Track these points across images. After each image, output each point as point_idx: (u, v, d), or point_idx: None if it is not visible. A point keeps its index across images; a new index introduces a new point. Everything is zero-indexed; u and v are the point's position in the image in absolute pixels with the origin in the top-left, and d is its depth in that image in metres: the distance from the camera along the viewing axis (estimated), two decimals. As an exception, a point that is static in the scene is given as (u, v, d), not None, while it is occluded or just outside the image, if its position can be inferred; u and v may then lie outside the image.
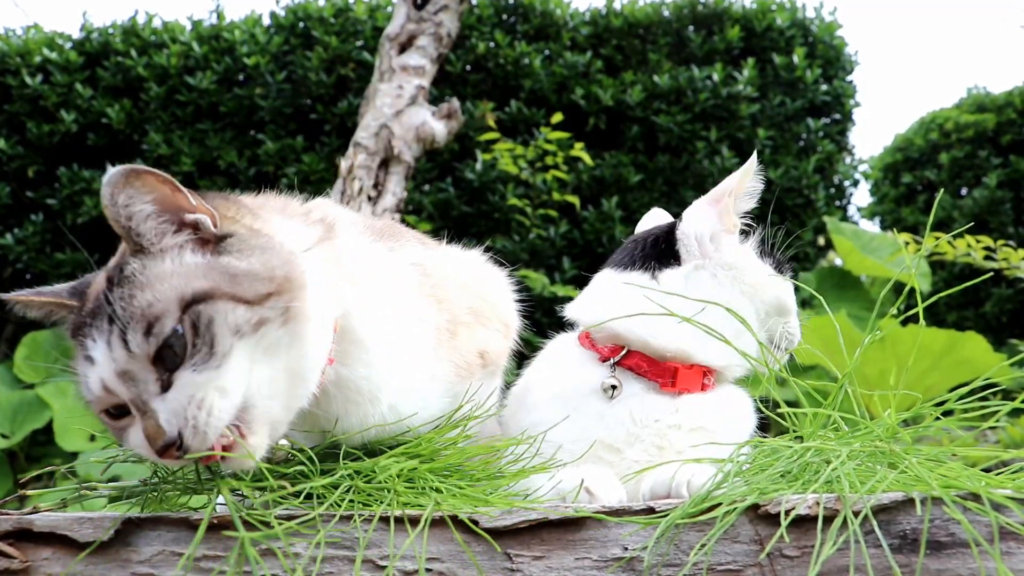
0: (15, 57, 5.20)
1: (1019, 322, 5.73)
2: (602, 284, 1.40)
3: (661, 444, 1.27)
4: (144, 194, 0.94)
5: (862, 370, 3.18)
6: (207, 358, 0.92)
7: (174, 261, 0.96)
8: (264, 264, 0.97)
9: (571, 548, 0.93)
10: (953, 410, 1.04)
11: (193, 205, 0.98)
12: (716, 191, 1.37)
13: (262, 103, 5.08)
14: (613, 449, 1.27)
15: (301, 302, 0.98)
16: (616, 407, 1.28)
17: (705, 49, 5.30)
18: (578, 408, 1.30)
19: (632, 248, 1.40)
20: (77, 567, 0.91)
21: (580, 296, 1.44)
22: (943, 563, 0.86)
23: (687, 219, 1.37)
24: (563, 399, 1.32)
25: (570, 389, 1.32)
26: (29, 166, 5.16)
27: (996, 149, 6.17)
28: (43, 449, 4.60)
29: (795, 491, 0.94)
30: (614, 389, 1.28)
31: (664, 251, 1.36)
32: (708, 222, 1.35)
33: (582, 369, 1.33)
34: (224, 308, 0.92)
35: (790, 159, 5.21)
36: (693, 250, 1.34)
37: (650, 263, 1.35)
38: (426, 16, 4.32)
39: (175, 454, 0.91)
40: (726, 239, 1.36)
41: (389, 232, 1.29)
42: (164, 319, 0.90)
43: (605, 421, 1.28)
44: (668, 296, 1.24)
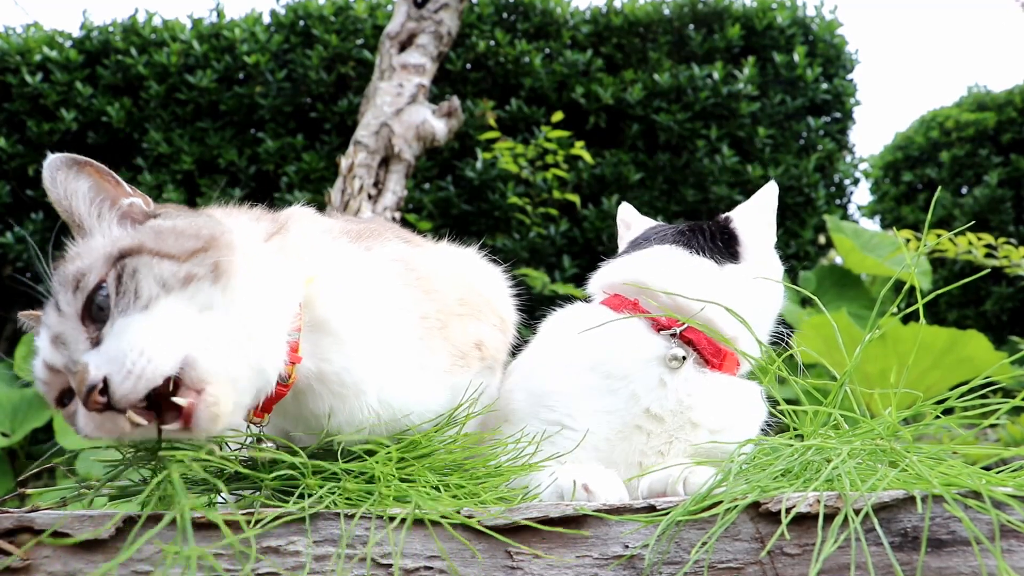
0: (15, 55, 5.20)
1: (1020, 320, 5.72)
2: (667, 258, 1.41)
3: (696, 421, 1.28)
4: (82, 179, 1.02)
5: (863, 368, 3.18)
6: (133, 302, 0.92)
7: (104, 235, 1.01)
8: (191, 224, 1.00)
9: (572, 546, 0.93)
10: (953, 408, 1.04)
11: (128, 191, 1.05)
12: (765, 202, 1.50)
13: (262, 101, 5.07)
14: (657, 419, 1.28)
15: (230, 260, 0.98)
16: (676, 377, 1.29)
17: (705, 47, 5.30)
18: (632, 376, 1.29)
19: (693, 235, 1.45)
20: (78, 565, 0.91)
21: (633, 261, 1.43)
22: (944, 561, 0.86)
23: (746, 226, 1.47)
24: (609, 366, 1.30)
25: (625, 357, 1.30)
26: (29, 164, 5.16)
27: (997, 147, 6.17)
28: (43, 447, 4.60)
29: (796, 489, 0.94)
30: (684, 360, 1.29)
31: (723, 247, 1.44)
32: (761, 230, 1.48)
33: (639, 337, 1.32)
34: (149, 261, 0.94)
35: (790, 157, 5.21)
36: (751, 253, 1.44)
37: (715, 255, 1.42)
38: (426, 14, 4.31)
39: (99, 400, 0.87)
40: (770, 247, 1.49)
41: (368, 234, 1.28)
42: (89, 275, 0.93)
43: (664, 390, 1.28)
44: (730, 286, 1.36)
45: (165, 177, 5.05)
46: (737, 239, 1.45)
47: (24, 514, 0.95)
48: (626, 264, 1.44)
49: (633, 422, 1.27)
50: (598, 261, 1.51)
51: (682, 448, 1.28)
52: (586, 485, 1.10)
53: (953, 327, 3.77)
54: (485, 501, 1.03)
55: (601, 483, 1.11)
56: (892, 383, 1.13)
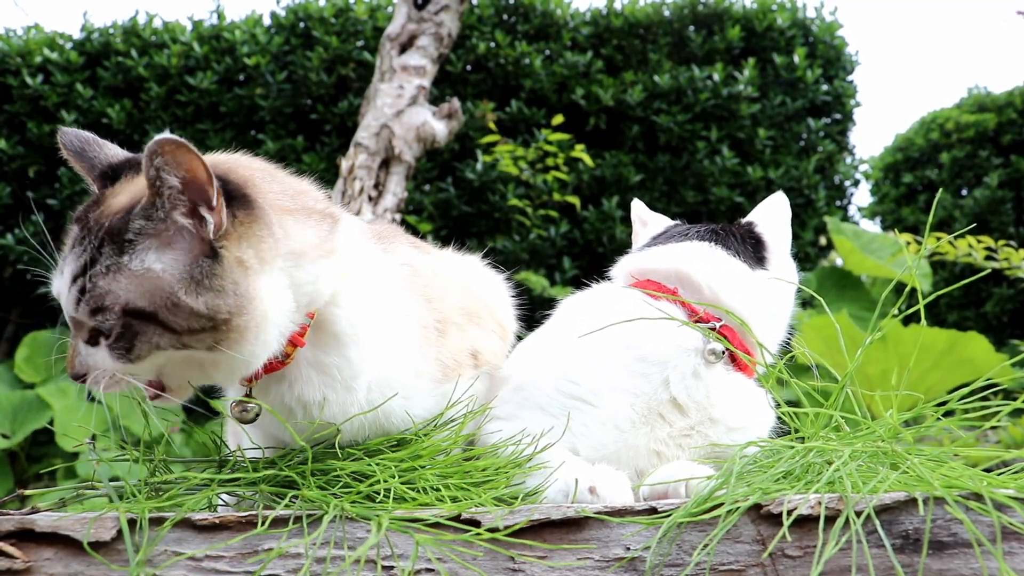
0: (16, 57, 5.20)
1: (1020, 322, 5.72)
2: (708, 254, 1.41)
3: (716, 417, 1.28)
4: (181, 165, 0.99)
5: (864, 370, 3.18)
6: (124, 353, 1.02)
7: (157, 252, 1.02)
8: (209, 306, 1.00)
9: (573, 548, 0.93)
10: (954, 410, 1.04)
11: (214, 206, 1.01)
12: (782, 214, 1.53)
13: (262, 103, 5.08)
14: (681, 409, 1.27)
15: (234, 339, 1.03)
16: (710, 370, 1.29)
17: (705, 49, 5.30)
18: (668, 362, 1.28)
19: (727, 236, 1.46)
20: (79, 567, 0.91)
21: (673, 251, 1.43)
22: (945, 563, 0.86)
23: (773, 232, 1.50)
24: (645, 349, 1.29)
25: (663, 342, 1.29)
26: (29, 166, 5.16)
27: (997, 149, 6.17)
28: (44, 449, 4.60)
29: (797, 491, 0.94)
30: (723, 355, 1.30)
31: (753, 251, 1.46)
32: (784, 238, 1.51)
33: (666, 326, 1.30)
34: (153, 331, 1.01)
35: (790, 159, 5.21)
36: (776, 259, 1.47)
37: (748, 259, 1.43)
38: (427, 16, 4.32)
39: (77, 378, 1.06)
40: (790, 259, 1.51)
41: (385, 234, 1.32)
42: (107, 313, 1.00)
43: (698, 381, 1.28)
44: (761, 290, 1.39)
45: (165, 178, 5.05)
46: (764, 245, 1.47)
47: (25, 516, 0.95)
48: (666, 253, 1.43)
49: (658, 409, 1.27)
50: (598, 262, 1.51)
51: (699, 442, 1.28)
52: (593, 487, 1.09)
53: (954, 329, 3.77)
54: (486, 502, 1.03)
55: (608, 485, 1.10)
56: (893, 385, 1.13)
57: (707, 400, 1.28)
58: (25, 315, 5.44)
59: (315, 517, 0.96)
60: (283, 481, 1.07)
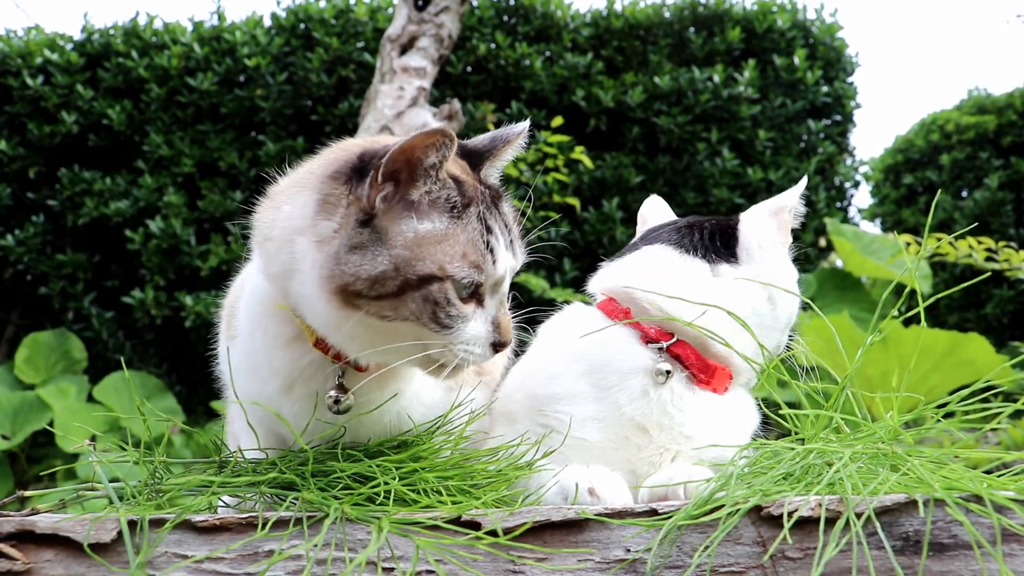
0: (16, 58, 5.20)
1: (1020, 323, 5.72)
2: (653, 262, 1.37)
3: (688, 434, 1.27)
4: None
5: (864, 371, 3.18)
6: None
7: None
8: None
9: (574, 549, 0.92)
10: (955, 412, 1.04)
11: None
12: (776, 203, 1.42)
13: (263, 104, 5.08)
14: (643, 430, 1.26)
15: None
16: (661, 390, 1.27)
17: (706, 50, 5.30)
18: (616, 385, 1.28)
19: (690, 233, 1.40)
20: (80, 569, 0.91)
21: (626, 266, 1.40)
22: (945, 565, 0.86)
23: (750, 224, 1.40)
24: (599, 374, 1.29)
25: (609, 365, 1.29)
26: (30, 167, 5.16)
27: (997, 150, 6.17)
28: (44, 450, 4.60)
29: (797, 493, 0.94)
30: (668, 375, 1.27)
31: (721, 247, 1.38)
32: (770, 232, 1.40)
33: (626, 347, 1.30)
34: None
35: (791, 160, 5.21)
36: (755, 255, 1.37)
37: (710, 255, 1.36)
38: (427, 17, 4.32)
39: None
40: (781, 252, 1.41)
41: None
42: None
43: (646, 401, 1.26)
44: (726, 296, 1.29)
45: (166, 179, 5.05)
46: (737, 238, 1.38)
47: (25, 518, 0.95)
48: (616, 268, 1.41)
49: (622, 432, 1.26)
50: (598, 263, 1.50)
51: (671, 459, 1.27)
52: (592, 488, 1.09)
53: (954, 330, 3.77)
54: (486, 504, 1.03)
55: (607, 486, 1.10)
56: (893, 386, 1.13)
57: (669, 419, 1.26)
58: (25, 316, 5.44)
59: (316, 519, 0.96)
60: (284, 483, 1.07)
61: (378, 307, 1.06)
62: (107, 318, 5.05)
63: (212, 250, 4.86)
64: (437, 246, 1.06)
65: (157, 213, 4.97)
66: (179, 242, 4.88)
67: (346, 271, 1.04)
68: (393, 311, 1.06)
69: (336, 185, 1.09)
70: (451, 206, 1.09)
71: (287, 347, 1.17)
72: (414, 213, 1.07)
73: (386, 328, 1.08)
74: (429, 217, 1.08)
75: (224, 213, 4.97)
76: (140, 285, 4.96)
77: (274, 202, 1.17)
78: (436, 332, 1.08)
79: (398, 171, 1.06)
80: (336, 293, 1.05)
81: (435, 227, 1.07)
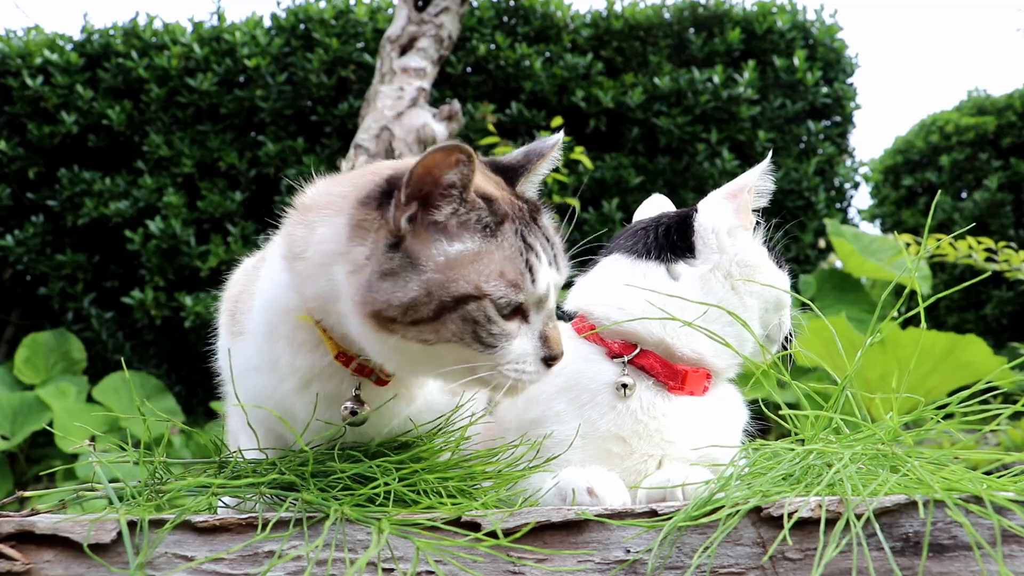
0: (16, 58, 5.20)
1: (1019, 325, 5.72)
2: (613, 274, 1.36)
3: (670, 439, 1.27)
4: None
5: (863, 373, 3.18)
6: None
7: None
8: None
9: (573, 550, 0.92)
10: (954, 413, 1.04)
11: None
12: (733, 186, 1.36)
13: (263, 105, 5.08)
14: (621, 440, 1.26)
15: None
16: (629, 402, 1.27)
17: (706, 51, 5.30)
18: (588, 403, 1.28)
19: (644, 236, 1.37)
20: (79, 570, 0.91)
21: (586, 283, 1.40)
22: (945, 566, 0.86)
23: (705, 212, 1.35)
24: (571, 393, 1.30)
25: (579, 384, 1.30)
26: (30, 167, 5.16)
27: (996, 151, 6.17)
28: (43, 451, 4.60)
29: (797, 494, 0.94)
30: (626, 388, 1.27)
31: (678, 242, 1.35)
32: (726, 216, 1.34)
33: (591, 364, 1.31)
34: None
35: (791, 161, 5.21)
36: (711, 244, 1.33)
37: (665, 254, 1.34)
38: (427, 18, 4.32)
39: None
40: (742, 235, 1.35)
41: None
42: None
43: (616, 414, 1.27)
44: (684, 289, 1.27)
45: (165, 180, 5.05)
46: (694, 232, 1.33)
47: (25, 518, 0.95)
48: (582, 284, 1.41)
49: (603, 446, 1.26)
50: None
51: (657, 464, 1.27)
52: (591, 488, 1.09)
53: (953, 331, 3.77)
54: (486, 504, 1.03)
55: (606, 486, 1.11)
56: (893, 387, 1.13)
57: (644, 428, 1.26)
58: (25, 316, 5.44)
59: (315, 520, 0.96)
60: (284, 484, 1.07)
61: (416, 332, 1.03)
62: (107, 318, 5.05)
63: (212, 250, 4.86)
64: (471, 266, 1.03)
65: (157, 213, 4.97)
66: (179, 242, 4.88)
67: (378, 298, 1.02)
68: (434, 334, 1.03)
69: (367, 211, 1.06)
70: (483, 225, 1.06)
71: (309, 352, 1.16)
72: (443, 235, 1.04)
73: (429, 351, 1.05)
74: (460, 238, 1.04)
75: (224, 213, 4.97)
76: (140, 285, 4.96)
77: (306, 219, 1.14)
78: (480, 352, 1.05)
79: (420, 191, 1.03)
80: (370, 318, 1.03)
81: (466, 247, 1.04)
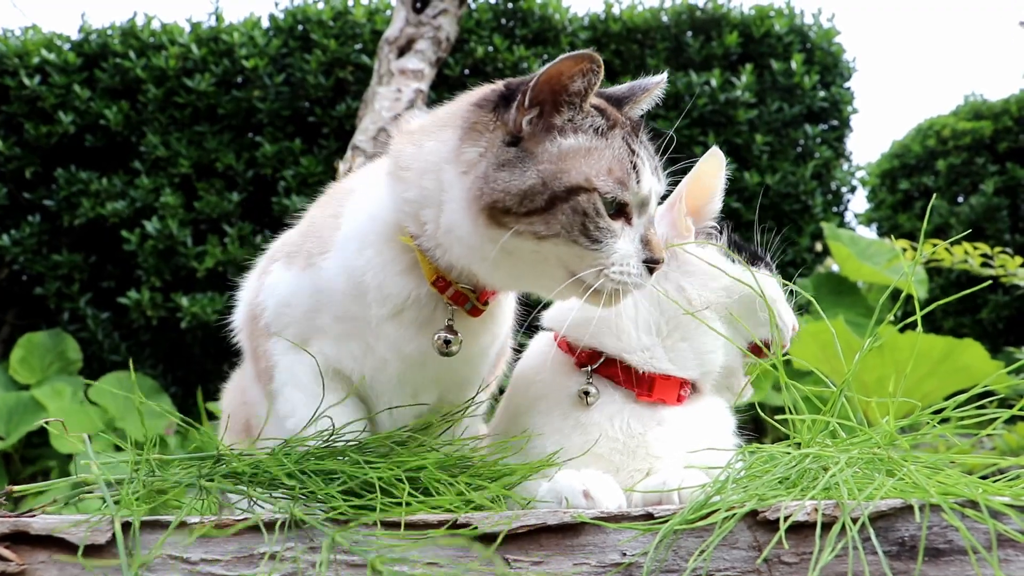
0: (13, 58, 5.19)
1: (1015, 329, 5.73)
2: None
3: (657, 454, 1.27)
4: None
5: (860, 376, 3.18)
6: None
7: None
8: None
9: (569, 553, 0.92)
10: (950, 417, 1.05)
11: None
12: (670, 197, 1.41)
13: (260, 105, 5.07)
14: (596, 455, 1.26)
15: None
16: (594, 414, 1.28)
17: (703, 54, 5.31)
18: (558, 414, 1.30)
19: None
20: (74, 571, 0.91)
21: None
22: (941, 570, 0.86)
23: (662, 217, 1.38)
24: (546, 404, 1.31)
25: (550, 395, 1.32)
26: (26, 167, 5.14)
27: (993, 156, 6.18)
28: (38, 451, 4.59)
29: (793, 497, 0.94)
30: (587, 395, 1.28)
31: None
32: (661, 229, 1.37)
33: (560, 374, 1.33)
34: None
35: (787, 165, 5.21)
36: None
37: None
38: (425, 20, 4.32)
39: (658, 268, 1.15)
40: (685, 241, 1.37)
41: None
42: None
43: (584, 428, 1.27)
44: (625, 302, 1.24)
45: (163, 180, 5.04)
46: None
47: (19, 519, 0.95)
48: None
49: (595, 450, 1.26)
50: None
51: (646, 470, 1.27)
52: (586, 491, 1.09)
53: (949, 335, 3.77)
54: (483, 506, 1.03)
55: (601, 489, 1.11)
56: (889, 391, 1.13)
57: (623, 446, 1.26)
58: (20, 316, 5.42)
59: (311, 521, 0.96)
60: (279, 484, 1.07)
61: (528, 223, 1.06)
62: (103, 319, 5.04)
63: (208, 251, 4.86)
64: (583, 159, 1.09)
65: (154, 214, 4.96)
66: (175, 243, 4.87)
67: (496, 188, 1.06)
68: (545, 225, 1.06)
69: (483, 113, 1.13)
70: (595, 128, 1.14)
71: (402, 275, 1.17)
72: (558, 134, 1.11)
73: (534, 253, 1.08)
74: (575, 135, 1.12)
75: (221, 214, 4.97)
76: (136, 286, 4.95)
77: (412, 139, 1.19)
78: (587, 248, 1.08)
79: (544, 96, 1.11)
80: (484, 211, 1.06)
81: (580, 143, 1.11)
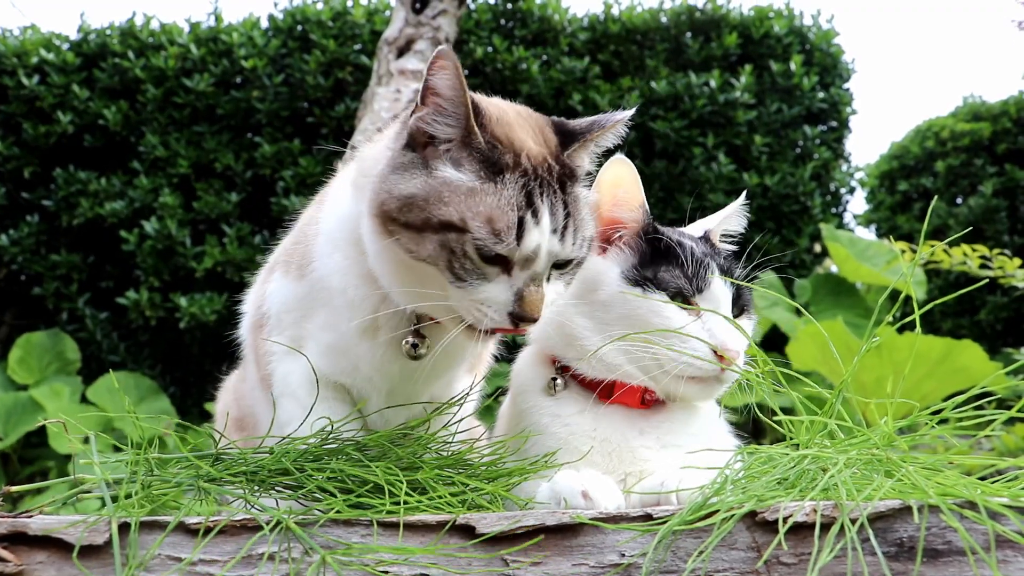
0: (12, 58, 5.19)
1: (1013, 330, 5.74)
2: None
3: (645, 457, 1.28)
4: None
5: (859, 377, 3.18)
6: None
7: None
8: None
9: (568, 554, 0.92)
10: (949, 418, 1.04)
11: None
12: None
13: (259, 106, 5.07)
14: (579, 453, 1.27)
15: None
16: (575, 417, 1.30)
17: (702, 55, 5.31)
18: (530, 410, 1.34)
19: None
20: (72, 571, 0.90)
21: None
22: (940, 571, 0.86)
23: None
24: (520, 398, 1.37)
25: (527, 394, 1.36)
26: (25, 167, 5.14)
27: (991, 158, 6.19)
28: (36, 451, 4.58)
29: (792, 498, 0.94)
30: (555, 381, 1.32)
31: None
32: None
33: (536, 370, 1.38)
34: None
35: (786, 166, 5.22)
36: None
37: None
38: (424, 20, 4.32)
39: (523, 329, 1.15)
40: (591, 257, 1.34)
41: None
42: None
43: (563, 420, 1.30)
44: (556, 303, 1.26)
45: (161, 180, 5.04)
46: None
47: (17, 520, 0.95)
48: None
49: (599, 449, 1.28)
50: None
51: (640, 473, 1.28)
52: (585, 492, 1.09)
53: (948, 336, 3.78)
54: (482, 507, 1.03)
55: (600, 490, 1.11)
56: (888, 392, 1.13)
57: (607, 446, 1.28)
58: (19, 316, 5.42)
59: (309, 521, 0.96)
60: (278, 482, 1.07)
61: (406, 237, 1.07)
62: (101, 319, 5.04)
63: (207, 251, 4.85)
64: (463, 197, 1.06)
65: (152, 214, 4.96)
66: (174, 243, 4.87)
67: (383, 187, 1.08)
68: (415, 246, 1.07)
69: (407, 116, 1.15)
70: (482, 159, 1.09)
71: (363, 279, 1.20)
72: (448, 159, 1.09)
73: (414, 267, 1.10)
74: (460, 166, 1.09)
75: (220, 214, 4.96)
76: (135, 286, 4.95)
77: (375, 144, 1.24)
78: (451, 283, 1.08)
79: (429, 93, 1.10)
80: (377, 216, 1.09)
81: (464, 179, 1.08)
